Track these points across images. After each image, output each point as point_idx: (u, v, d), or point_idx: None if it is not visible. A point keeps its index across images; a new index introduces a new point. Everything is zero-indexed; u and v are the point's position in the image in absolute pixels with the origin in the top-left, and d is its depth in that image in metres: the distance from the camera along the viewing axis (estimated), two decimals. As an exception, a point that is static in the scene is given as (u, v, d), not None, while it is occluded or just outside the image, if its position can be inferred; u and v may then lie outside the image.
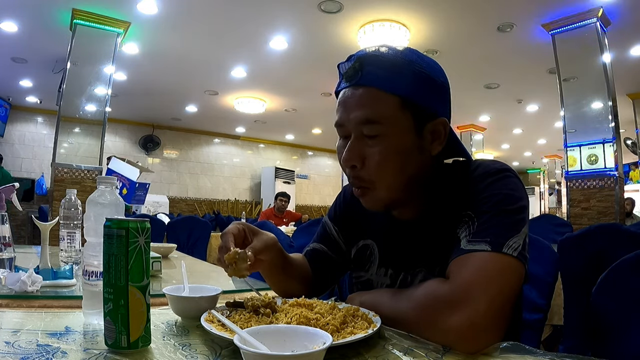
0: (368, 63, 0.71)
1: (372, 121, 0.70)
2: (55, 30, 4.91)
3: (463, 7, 4.39)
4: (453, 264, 0.66)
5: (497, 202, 0.68)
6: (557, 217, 4.99)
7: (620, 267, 0.78)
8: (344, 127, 0.74)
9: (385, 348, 0.58)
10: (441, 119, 0.73)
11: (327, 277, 0.95)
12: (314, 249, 0.96)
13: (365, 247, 0.88)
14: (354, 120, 0.71)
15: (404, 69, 0.71)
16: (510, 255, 0.63)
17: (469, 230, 0.67)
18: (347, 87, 0.73)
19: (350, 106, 0.72)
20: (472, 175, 0.74)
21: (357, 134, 0.72)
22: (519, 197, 0.70)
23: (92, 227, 0.72)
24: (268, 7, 4.51)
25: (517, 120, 8.86)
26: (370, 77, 0.71)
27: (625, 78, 5.72)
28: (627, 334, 0.74)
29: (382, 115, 0.70)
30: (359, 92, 0.71)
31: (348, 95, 0.73)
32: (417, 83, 0.71)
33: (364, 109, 0.70)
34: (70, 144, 4.60)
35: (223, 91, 7.33)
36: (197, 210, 9.76)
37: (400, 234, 0.81)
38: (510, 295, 0.62)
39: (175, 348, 0.57)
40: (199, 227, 3.87)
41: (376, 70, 0.71)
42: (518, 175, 0.74)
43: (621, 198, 4.29)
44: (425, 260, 0.76)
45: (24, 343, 0.55)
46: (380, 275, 0.83)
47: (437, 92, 0.74)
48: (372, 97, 0.70)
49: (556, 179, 12.73)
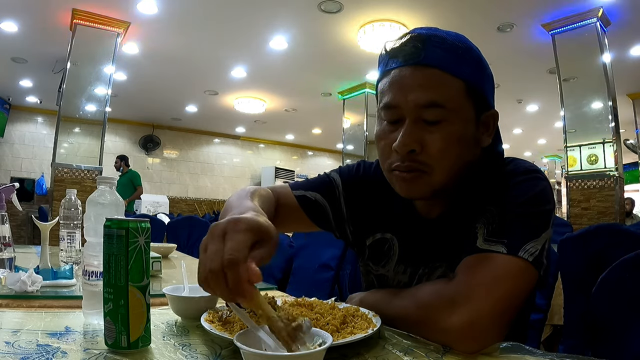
0: (431, 43, 0.66)
1: (436, 105, 0.65)
2: (55, 30, 4.90)
3: (463, 7, 4.39)
4: (465, 262, 0.64)
5: (521, 202, 0.65)
6: (557, 217, 4.99)
7: (620, 267, 0.78)
8: (397, 110, 0.67)
9: (385, 348, 0.58)
10: (494, 111, 0.71)
11: (293, 226, 0.91)
12: (315, 200, 0.86)
13: (383, 241, 0.83)
14: (413, 102, 0.65)
15: (466, 53, 0.68)
16: (525, 259, 0.61)
17: (488, 228, 0.65)
18: (402, 66, 0.67)
19: (409, 87, 0.66)
20: (501, 171, 0.71)
21: (416, 118, 0.66)
22: (545, 201, 0.67)
23: (92, 227, 0.72)
24: (268, 7, 4.51)
25: (517, 120, 8.85)
26: (435, 57, 0.65)
27: (625, 78, 5.72)
28: (626, 334, 0.74)
29: (448, 99, 0.65)
30: (422, 73, 0.65)
31: (406, 75, 0.66)
32: (478, 69, 0.68)
33: (429, 91, 0.65)
34: (70, 144, 4.60)
35: (223, 91, 7.33)
36: (197, 210, 9.76)
37: (424, 231, 0.78)
38: (517, 299, 0.61)
39: (175, 348, 0.57)
40: (199, 227, 3.86)
41: (441, 51, 0.65)
42: (547, 179, 0.71)
43: (621, 198, 4.29)
44: (445, 255, 0.73)
45: (24, 343, 0.55)
46: (399, 273, 0.79)
47: (490, 82, 0.72)
48: (437, 78, 0.65)
49: (556, 179, 12.72)
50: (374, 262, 0.84)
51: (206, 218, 6.70)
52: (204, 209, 9.98)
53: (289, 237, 2.31)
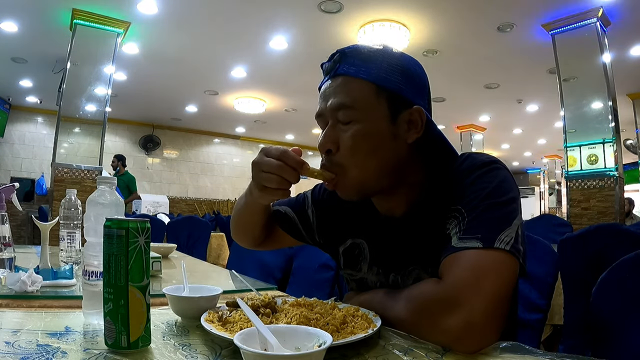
0: (345, 55, 0.74)
1: (345, 106, 0.72)
2: (55, 30, 4.91)
3: (463, 7, 4.39)
4: (445, 263, 0.65)
5: (485, 195, 0.67)
6: (557, 217, 4.99)
7: (620, 267, 0.78)
8: (323, 118, 0.76)
9: (385, 348, 0.58)
10: (416, 107, 0.73)
11: (281, 239, 0.99)
12: (285, 213, 0.96)
13: (354, 246, 0.86)
14: (329, 107, 0.74)
15: (378, 58, 0.74)
16: (503, 249, 0.62)
17: (460, 227, 0.66)
18: (326, 80, 0.77)
19: (327, 95, 0.75)
20: (459, 168, 0.73)
21: (333, 120, 0.74)
22: (508, 189, 0.69)
23: (92, 227, 0.72)
24: (268, 7, 4.51)
25: (517, 120, 8.85)
26: (346, 67, 0.74)
27: (625, 78, 5.72)
28: (627, 334, 0.74)
29: (355, 100, 0.72)
30: (336, 82, 0.74)
31: (326, 86, 0.76)
32: (391, 72, 0.73)
33: (339, 95, 0.73)
34: (70, 144, 4.60)
35: (223, 91, 7.33)
36: (197, 210, 9.75)
37: (390, 232, 0.80)
38: (505, 291, 0.62)
39: (175, 348, 0.57)
40: (199, 227, 3.87)
41: (352, 60, 0.74)
42: (506, 167, 0.73)
43: (621, 198, 4.29)
44: (416, 258, 0.75)
45: (24, 343, 0.55)
46: (373, 274, 0.82)
47: (412, 83, 0.75)
48: (346, 84, 0.73)
49: (556, 179, 12.72)
50: (350, 267, 0.87)
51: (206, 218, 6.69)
52: (204, 209, 9.98)
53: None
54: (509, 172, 0.72)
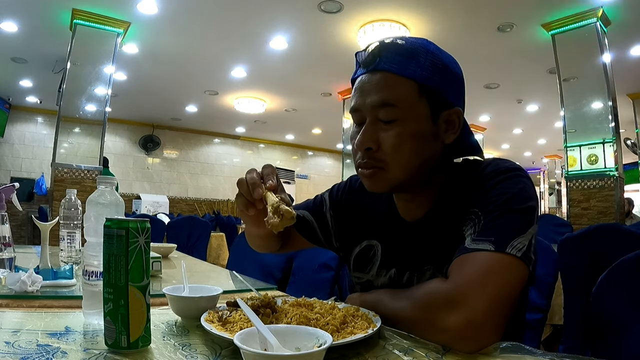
0: (386, 49, 0.72)
1: (388, 104, 0.70)
2: (55, 30, 4.90)
3: (463, 7, 4.39)
4: (455, 263, 0.65)
5: (504, 201, 0.67)
6: (557, 217, 5.00)
7: (620, 267, 0.78)
8: (360, 113, 0.74)
9: (385, 348, 0.58)
10: (456, 109, 0.73)
11: (299, 243, 0.99)
12: (304, 217, 0.95)
13: (369, 248, 0.86)
14: (370, 104, 0.72)
15: (421, 55, 0.71)
16: (514, 255, 0.62)
17: (475, 229, 0.66)
18: (364, 73, 0.74)
19: (366, 91, 0.72)
20: (482, 172, 0.74)
21: (373, 118, 0.72)
22: (527, 198, 0.69)
23: (92, 227, 0.72)
24: (268, 7, 4.51)
25: (517, 120, 8.85)
26: (387, 62, 0.71)
27: (625, 78, 5.72)
28: (627, 334, 0.74)
29: (399, 99, 0.70)
30: (376, 77, 0.72)
31: (365, 81, 0.73)
32: (433, 70, 0.71)
33: (381, 92, 0.71)
34: (70, 144, 4.60)
35: (223, 91, 7.33)
36: (197, 210, 9.76)
37: (407, 233, 0.80)
38: (510, 294, 0.62)
39: (175, 348, 0.57)
40: (199, 227, 3.87)
41: (394, 56, 0.71)
42: (529, 176, 0.73)
43: (621, 198, 4.29)
44: (432, 258, 0.75)
45: (24, 343, 0.55)
46: (380, 276, 0.82)
47: (453, 82, 0.74)
48: (389, 81, 0.71)
49: (556, 179, 12.72)
50: (360, 269, 0.87)
51: (206, 218, 6.70)
52: (204, 209, 9.99)
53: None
54: (531, 181, 0.73)
